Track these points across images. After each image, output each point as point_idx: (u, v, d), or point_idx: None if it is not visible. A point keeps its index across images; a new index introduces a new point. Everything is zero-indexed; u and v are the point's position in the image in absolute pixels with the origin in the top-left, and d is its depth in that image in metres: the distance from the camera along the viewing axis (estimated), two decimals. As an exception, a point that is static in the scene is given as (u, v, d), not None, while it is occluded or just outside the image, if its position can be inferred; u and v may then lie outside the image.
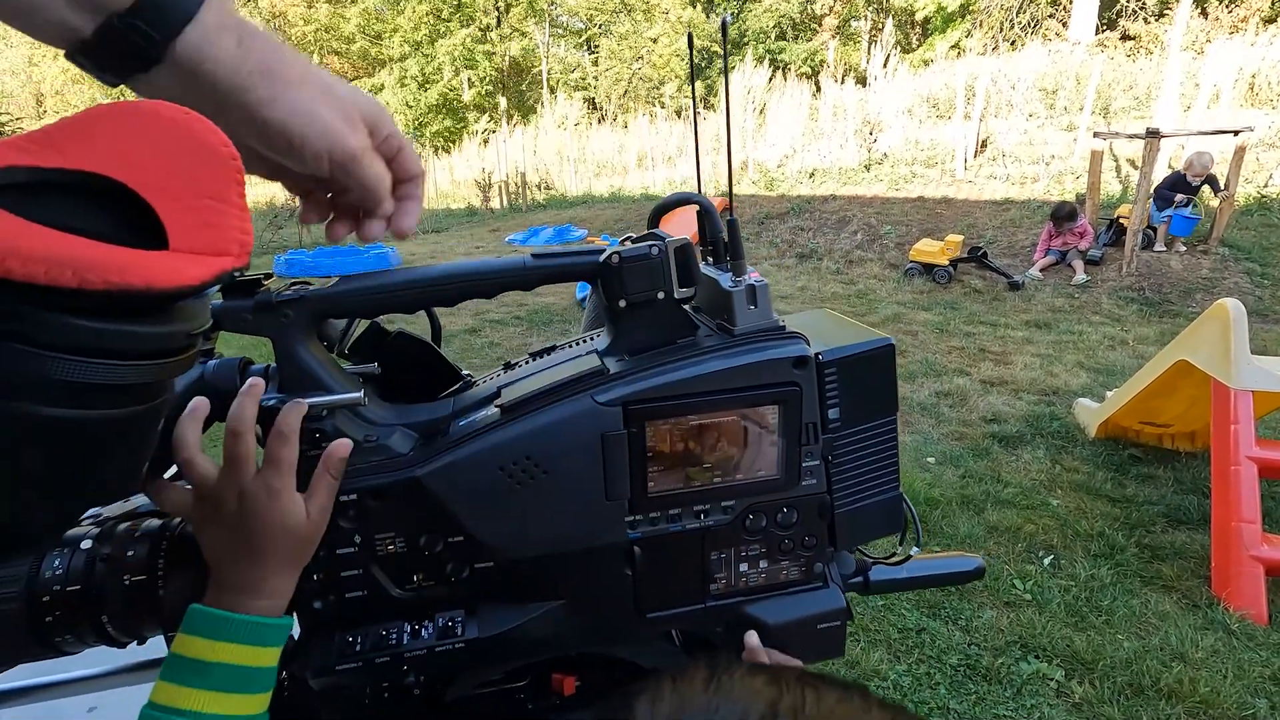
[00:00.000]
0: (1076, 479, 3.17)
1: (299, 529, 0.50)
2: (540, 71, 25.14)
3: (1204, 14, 13.75)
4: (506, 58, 25.02)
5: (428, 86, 23.78)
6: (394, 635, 0.58)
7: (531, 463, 0.57)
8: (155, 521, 0.59)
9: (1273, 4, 13.63)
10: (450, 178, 17.56)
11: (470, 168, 16.80)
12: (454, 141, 21.00)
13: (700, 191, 0.70)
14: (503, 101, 25.25)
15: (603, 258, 0.60)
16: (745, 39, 24.04)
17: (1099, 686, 2.01)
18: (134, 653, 0.64)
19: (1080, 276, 6.50)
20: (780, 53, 22.73)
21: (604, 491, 0.58)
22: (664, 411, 0.57)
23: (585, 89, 25.07)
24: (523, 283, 0.61)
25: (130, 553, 0.57)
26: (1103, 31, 15.08)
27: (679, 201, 0.69)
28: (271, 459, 0.50)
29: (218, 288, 0.53)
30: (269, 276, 0.58)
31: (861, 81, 13.63)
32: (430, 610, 0.60)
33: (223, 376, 0.57)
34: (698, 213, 0.67)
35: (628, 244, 0.63)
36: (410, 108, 23.67)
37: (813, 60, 22.54)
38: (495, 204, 13.86)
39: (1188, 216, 6.38)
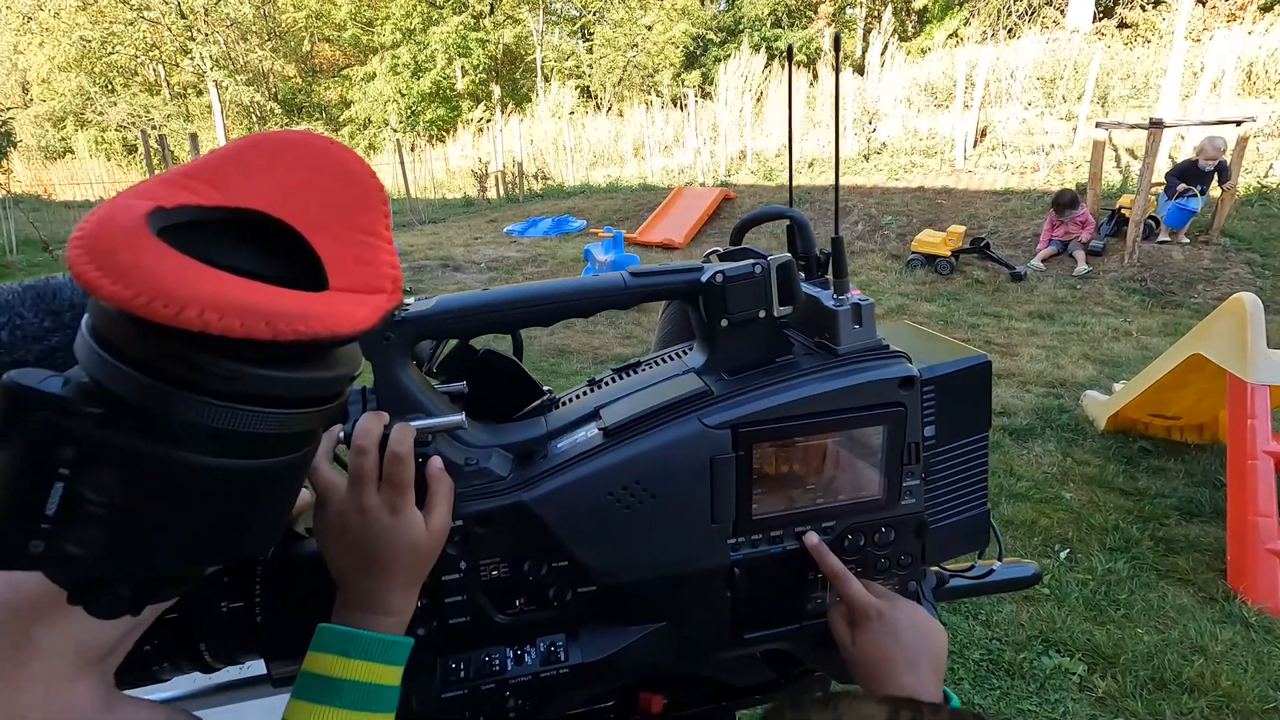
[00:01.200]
0: (1088, 472, 3.19)
1: (421, 544, 0.51)
2: (534, 59, 24.91)
3: (1202, 2, 13.73)
4: (500, 45, 24.76)
5: (420, 74, 23.52)
6: (498, 661, 0.57)
7: (640, 487, 0.56)
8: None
9: (1270, -8, 13.62)
10: (446, 168, 17.42)
11: (465, 157, 16.66)
12: (448, 131, 20.80)
13: (838, 210, 0.68)
14: (497, 90, 25.01)
15: (705, 277, 0.59)
16: (740, 26, 23.88)
17: (1121, 680, 2.03)
18: (217, 675, 0.63)
19: (1082, 267, 6.51)
20: (776, 40, 22.60)
21: (710, 515, 0.57)
22: (773, 434, 0.57)
23: (580, 77, 24.87)
24: (621, 301, 0.60)
25: (227, 579, 0.56)
26: (1100, 20, 15.04)
27: (771, 215, 0.68)
28: (390, 479, 0.50)
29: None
30: (369, 298, 0.56)
31: (859, 70, 13.57)
32: (531, 634, 0.59)
33: None
34: (788, 228, 0.66)
35: (714, 259, 0.62)
36: (403, 96, 23.43)
37: (809, 48, 22.44)
38: (492, 194, 13.76)
39: (1183, 208, 6.32)
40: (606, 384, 0.68)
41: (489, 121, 19.37)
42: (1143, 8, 14.66)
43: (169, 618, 0.54)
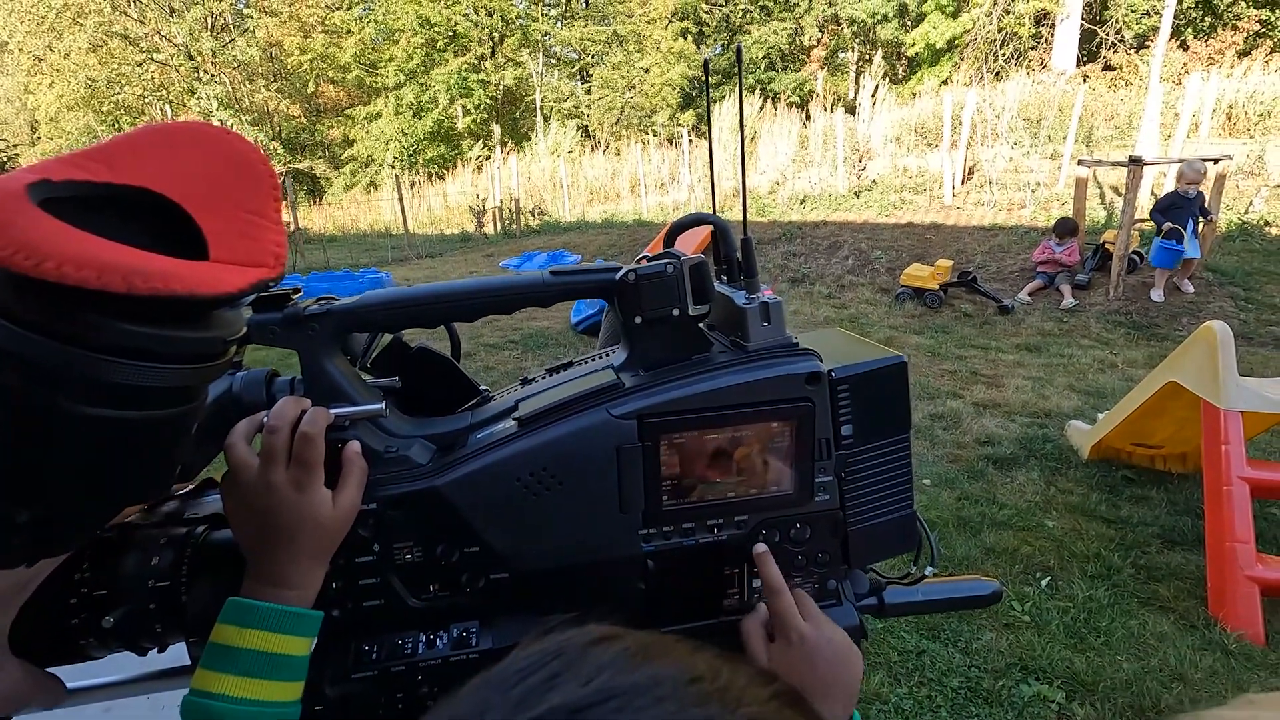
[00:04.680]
0: (1071, 500, 3.19)
1: (325, 522, 0.53)
2: (534, 100, 25.49)
3: (1183, 47, 14.16)
4: (501, 86, 25.37)
5: (423, 114, 24.04)
6: (409, 645, 0.58)
7: (547, 474, 0.58)
8: (180, 529, 0.60)
9: (1246, 38, 14.06)
10: (445, 204, 17.69)
11: (464, 194, 16.93)
12: (448, 168, 21.17)
13: (746, 214, 0.72)
14: (497, 129, 25.54)
15: (619, 275, 0.61)
16: (735, 69, 24.48)
17: (1100, 708, 2.01)
18: (151, 661, 0.64)
19: (1069, 300, 6.59)
20: (770, 82, 23.19)
21: (618, 504, 0.59)
22: (678, 425, 0.59)
23: (578, 117, 25.42)
24: (541, 299, 0.63)
25: (155, 559, 0.57)
26: (1084, 63, 15.47)
27: (694, 222, 0.71)
28: (297, 457, 0.52)
29: (250, 301, 0.54)
30: (297, 291, 0.59)
31: (850, 110, 13.89)
32: (445, 621, 0.60)
33: (250, 388, 0.58)
34: (711, 232, 0.69)
35: (644, 262, 0.65)
36: (406, 135, 23.90)
37: (801, 90, 23.01)
38: (489, 229, 13.95)
39: (1167, 248, 6.11)
40: (537, 381, 0.70)
41: (488, 159, 19.73)
42: (1125, 51, 15.09)
43: (98, 594, 0.55)
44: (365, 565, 0.57)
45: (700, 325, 0.64)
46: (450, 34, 23.77)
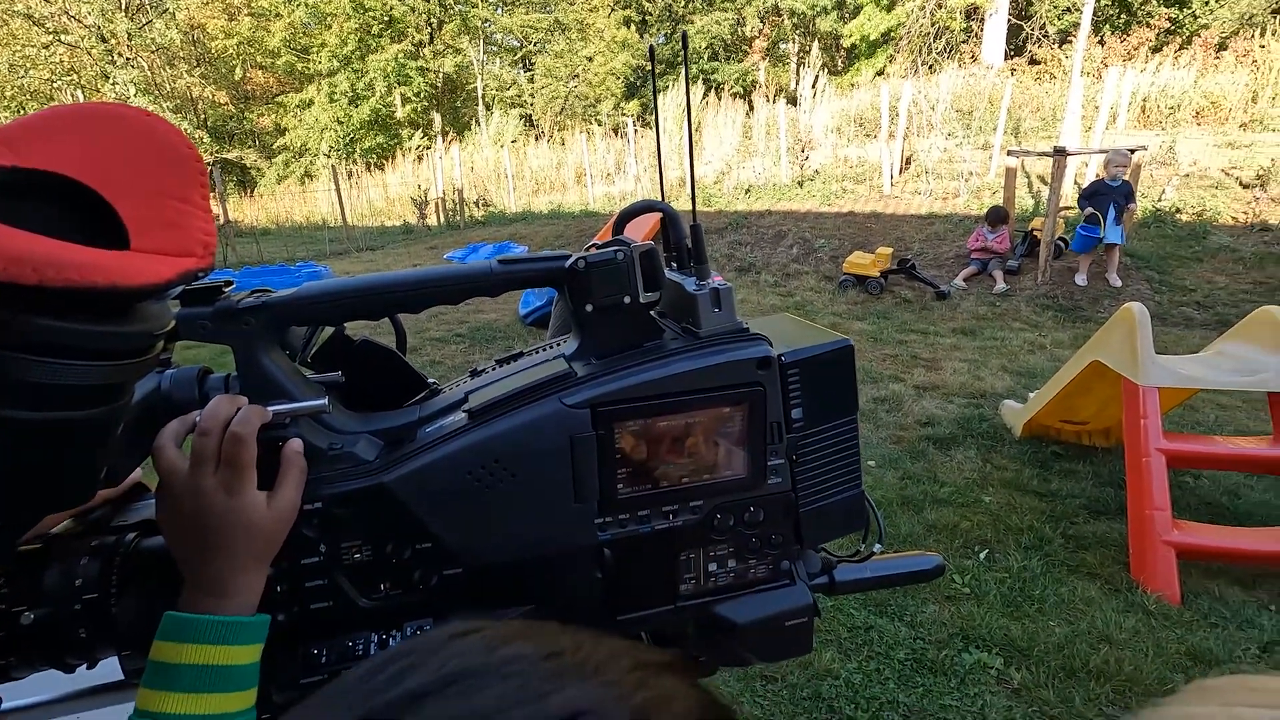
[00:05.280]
0: (1006, 476, 3.34)
1: (260, 524, 0.50)
2: (476, 88, 24.97)
3: (1102, 42, 14.86)
4: (441, 74, 24.75)
5: (359, 102, 23.25)
6: (360, 646, 0.57)
7: (500, 466, 0.57)
8: (108, 538, 0.57)
9: (1158, 35, 14.86)
10: (385, 195, 17.19)
11: (405, 185, 16.49)
12: (388, 158, 20.56)
13: (695, 201, 0.72)
14: (438, 118, 24.93)
15: (569, 263, 0.61)
16: (679, 59, 24.52)
17: (1035, 672, 2.12)
18: (80, 679, 0.61)
19: (1001, 285, 6.87)
20: (714, 72, 23.32)
21: (573, 494, 0.59)
22: (632, 413, 0.59)
23: (522, 106, 25.03)
24: (488, 288, 0.61)
25: (81, 570, 0.54)
26: (1012, 56, 16.08)
27: (643, 209, 0.71)
28: (227, 459, 0.50)
29: (178, 294, 0.51)
30: (229, 284, 0.56)
31: (792, 101, 14.10)
32: (398, 620, 0.59)
33: (180, 387, 0.55)
34: (661, 220, 0.69)
35: (593, 250, 0.64)
36: (341, 124, 23.09)
37: (745, 80, 23.22)
38: (432, 221, 13.63)
39: (1084, 233, 6.45)
40: (487, 372, 0.69)
41: (429, 149, 19.25)
42: (1050, 46, 15.75)
43: (16, 611, 0.52)
44: (311, 566, 0.55)
45: (651, 313, 0.64)
46: (386, 19, 23.03)
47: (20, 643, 0.53)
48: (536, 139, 19.46)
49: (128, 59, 21.43)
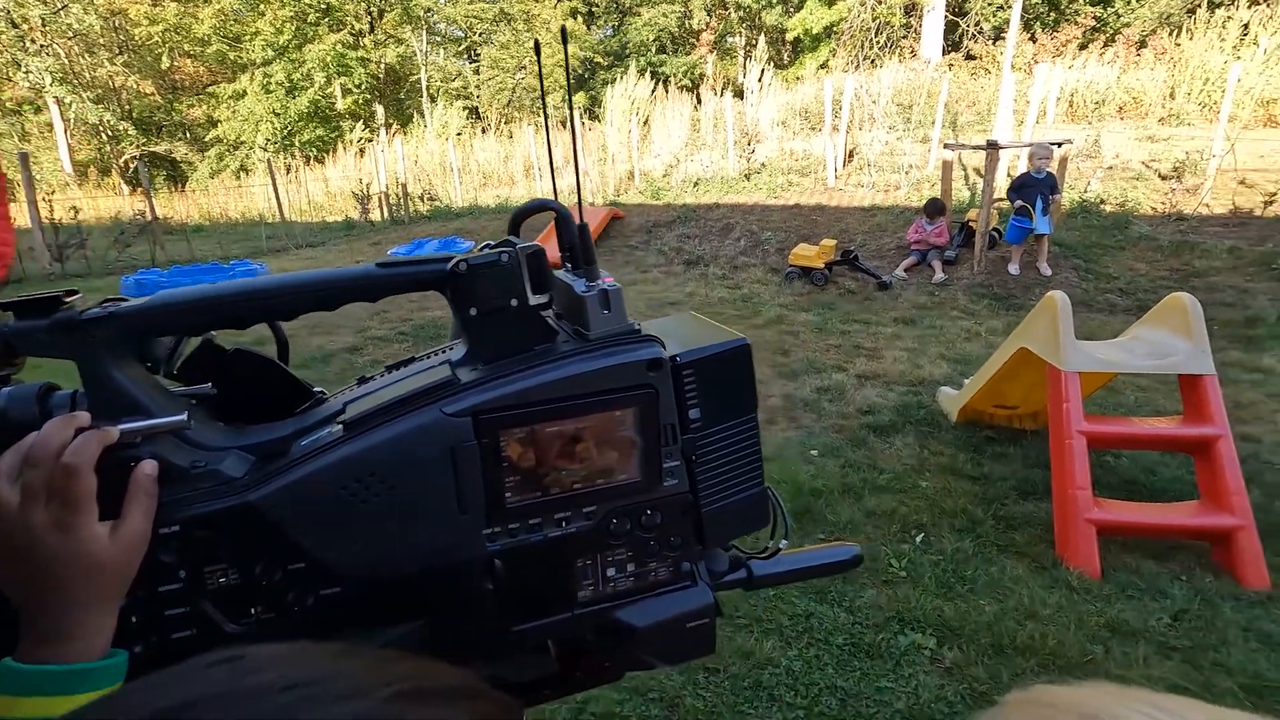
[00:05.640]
0: (942, 461, 3.44)
1: (98, 563, 0.46)
2: (419, 79, 24.39)
3: (1032, 39, 15.40)
4: (382, 64, 24.08)
5: (297, 93, 22.45)
6: None
7: (376, 479, 0.54)
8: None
9: (1084, 33, 15.48)
10: (325, 189, 16.65)
11: (347, 178, 16.00)
12: (328, 151, 19.91)
13: (581, 200, 0.70)
14: (380, 110, 24.27)
15: (450, 265, 0.59)
16: (627, 51, 24.46)
17: (966, 650, 2.19)
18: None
19: (939, 276, 7.07)
20: (662, 65, 23.30)
21: (457, 505, 0.57)
22: (518, 420, 0.57)
23: (467, 98, 24.57)
24: (368, 293, 0.59)
25: None
26: (949, 52, 16.54)
27: (536, 208, 0.69)
28: (57, 493, 0.46)
29: (6, 307, 0.47)
30: (72, 294, 0.52)
31: (739, 94, 14.20)
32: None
33: (18, 405, 0.51)
34: (555, 220, 0.67)
35: (484, 250, 0.62)
36: (278, 116, 22.26)
37: (692, 73, 23.28)
38: (376, 216, 13.27)
39: (1016, 224, 6.75)
40: (374, 380, 0.66)
41: (372, 142, 18.71)
42: (984, 42, 16.26)
43: None
44: (171, 594, 0.52)
45: (544, 315, 0.62)
46: (323, 7, 22.27)
47: None
48: (483, 131, 19.13)
49: (42, 46, 20.19)
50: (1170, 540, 2.72)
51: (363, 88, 23.67)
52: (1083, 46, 14.37)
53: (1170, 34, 12.96)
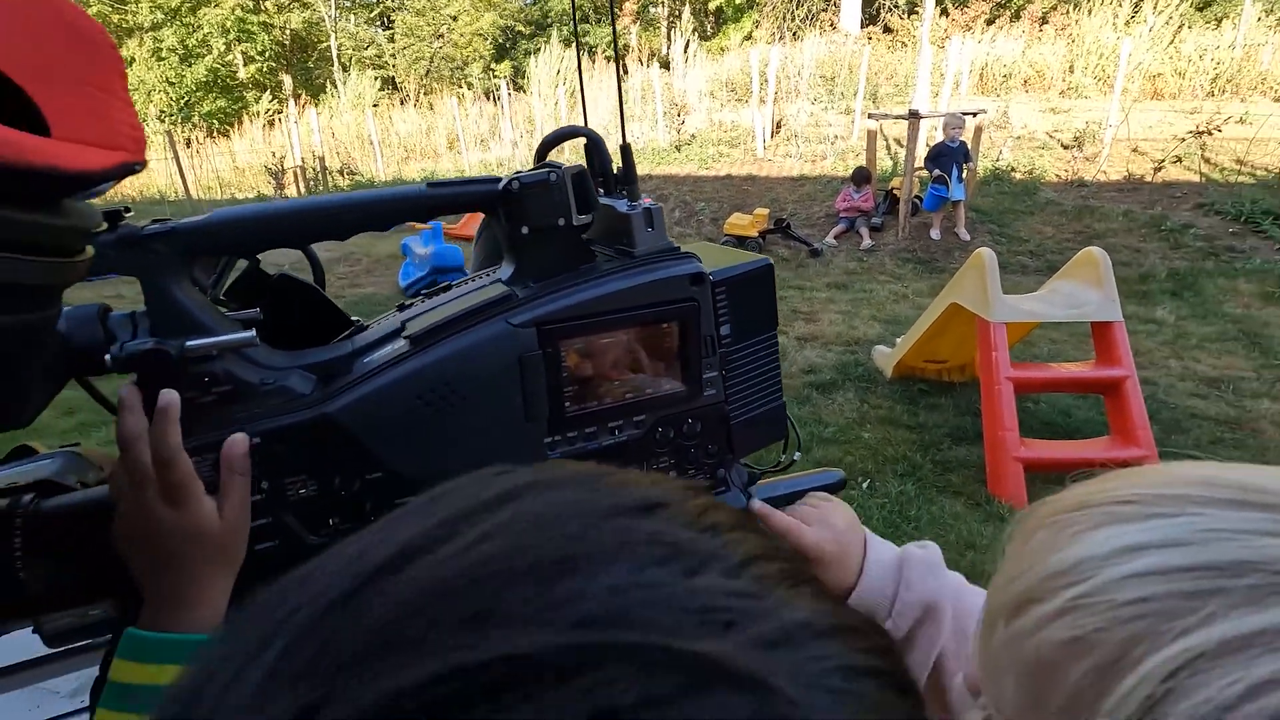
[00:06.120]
0: (881, 413, 3.64)
1: (210, 535, 0.49)
2: (329, 47, 23.12)
3: (945, 14, 15.98)
4: (287, 30, 22.67)
5: (193, 61, 20.88)
6: None
7: (449, 388, 0.56)
8: (0, 501, 0.51)
9: (992, 8, 16.18)
10: (233, 164, 15.65)
11: (256, 152, 15.09)
12: (233, 123, 18.68)
13: (624, 123, 0.72)
14: (288, 80, 22.90)
15: (502, 185, 0.60)
16: (549, 20, 23.91)
17: (915, 581, 2.35)
18: None
19: (867, 242, 7.36)
20: (585, 35, 22.91)
21: (523, 413, 0.59)
22: (577, 330, 0.60)
23: (383, 67, 23.49)
24: (419, 212, 0.60)
25: None
26: (867, 25, 16.97)
27: (567, 134, 0.71)
28: (163, 481, 0.47)
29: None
30: (128, 210, 0.51)
31: (665, 65, 14.17)
32: None
33: (81, 326, 0.50)
34: (585, 146, 0.69)
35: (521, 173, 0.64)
36: (173, 85, 20.67)
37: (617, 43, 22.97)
38: (291, 192, 12.60)
39: (936, 194, 7.08)
40: (416, 305, 0.67)
41: (281, 113, 17.68)
42: (900, 16, 16.75)
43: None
44: (254, 505, 0.52)
45: (583, 236, 0.64)
46: (219, -34, 20.71)
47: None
48: (402, 103, 18.38)
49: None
50: (1086, 473, 2.99)
51: (267, 55, 22.26)
52: (990, 22, 15.04)
53: (1069, 10, 13.73)
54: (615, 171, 0.69)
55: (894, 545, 0.70)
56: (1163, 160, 8.11)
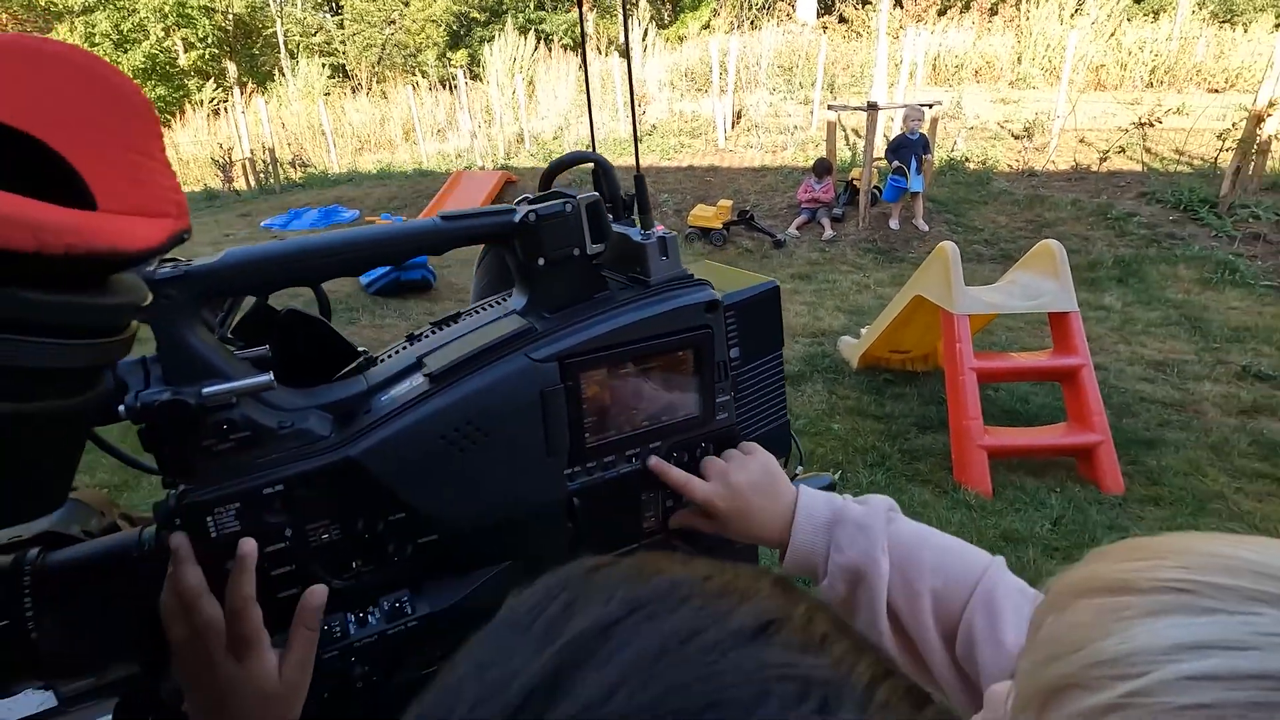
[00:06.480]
0: (849, 404, 3.71)
1: (274, 691, 0.49)
2: (275, 33, 22.32)
3: (899, 4, 16.21)
4: (230, 15, 21.79)
5: (128, 47, 19.93)
6: (338, 627, 0.54)
7: (472, 426, 0.56)
8: (4, 558, 0.49)
9: (942, 1, 16.48)
10: (176, 156, 15.00)
11: (201, 143, 14.51)
12: (174, 113, 17.90)
13: (638, 147, 0.72)
14: (232, 67, 22.03)
15: (518, 217, 0.59)
16: (504, 7, 23.49)
17: (889, 570, 2.42)
18: None
19: (829, 233, 7.46)
20: (541, 23, 22.59)
21: (545, 448, 0.59)
22: (596, 363, 0.60)
23: (333, 55, 22.78)
24: (434, 247, 0.59)
25: None
26: (823, 15, 17.12)
27: (576, 160, 0.70)
28: (230, 631, 0.48)
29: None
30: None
31: (624, 54, 14.06)
32: (373, 596, 0.56)
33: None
34: (594, 171, 0.69)
35: (523, 204, 0.63)
36: (107, 71, 19.68)
37: (574, 31, 22.74)
38: (240, 185, 12.16)
39: (895, 185, 7.17)
40: (426, 337, 0.66)
41: (225, 102, 17.02)
42: (855, 6, 16.94)
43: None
44: (277, 553, 0.51)
45: (594, 264, 0.64)
46: (154, -53, 19.76)
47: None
48: (354, 91, 17.87)
49: None
50: (1045, 458, 3.11)
51: (209, 41, 21.36)
52: (941, 13, 15.32)
53: (1017, 3, 14.06)
54: (624, 196, 0.69)
55: (836, 499, 0.70)
56: (1107, 150, 8.41)
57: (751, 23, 16.60)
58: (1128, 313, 5.20)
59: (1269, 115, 6.52)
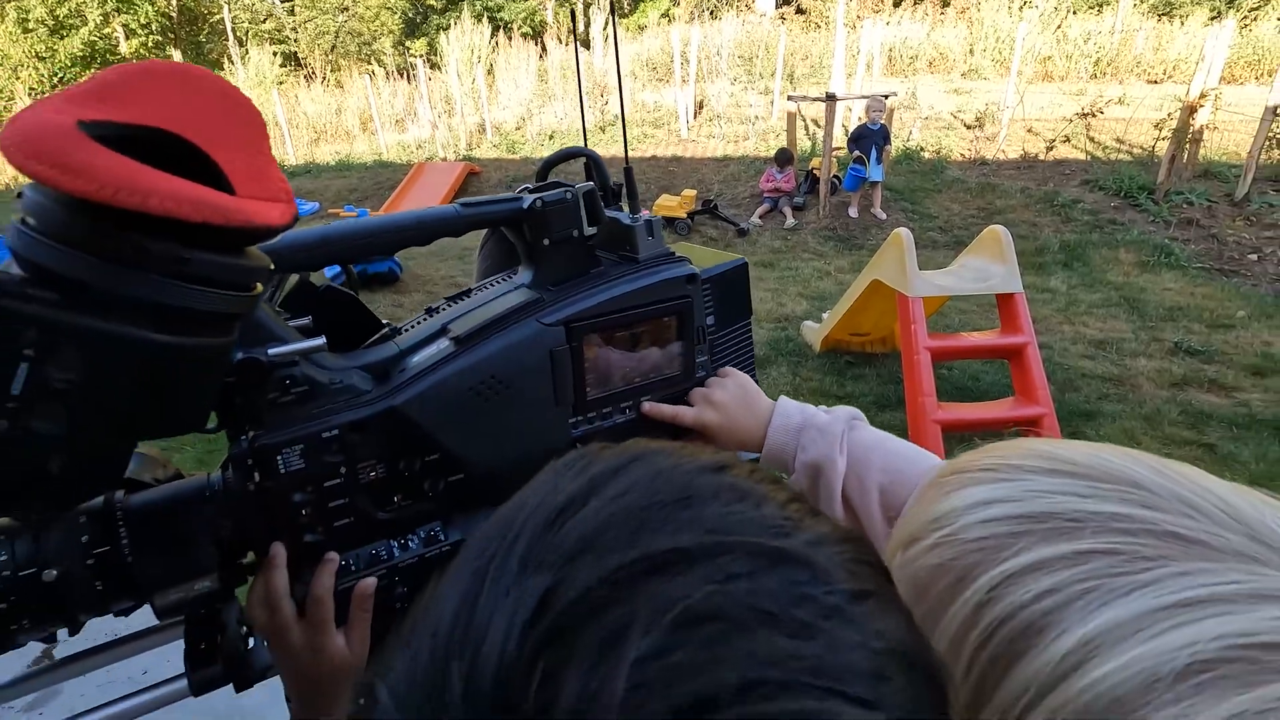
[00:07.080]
0: (812, 385, 3.88)
1: (346, 668, 0.59)
2: (222, 19, 21.65)
3: (854, -5, 16.48)
4: (174, 1, 21.06)
5: (65, 33, 19.11)
6: (384, 552, 0.64)
7: (495, 380, 0.66)
8: (97, 500, 0.57)
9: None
10: (122, 146, 14.49)
11: (149, 134, 14.03)
12: (118, 102, 17.22)
13: (627, 143, 0.81)
14: (176, 54, 21.29)
15: (526, 204, 0.69)
16: (457, -6, 23.14)
17: (850, 537, 2.58)
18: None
19: (790, 221, 7.65)
20: (499, 11, 22.33)
21: (554, 399, 0.69)
22: (596, 327, 0.70)
23: (284, 42, 22.20)
24: (454, 230, 0.68)
25: (84, 536, 0.55)
26: (782, 6, 17.32)
27: (570, 154, 0.80)
28: (309, 621, 0.58)
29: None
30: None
31: (585, 44, 14.05)
32: (410, 526, 0.66)
33: None
34: (585, 164, 0.79)
35: (524, 193, 0.73)
36: (44, 60, 18.87)
37: (533, 20, 22.55)
38: (193, 176, 11.85)
39: (855, 174, 7.43)
40: (444, 309, 0.75)
41: (174, 91, 16.43)
42: (811, -2, 17.16)
43: (24, 574, 0.52)
44: (333, 488, 0.60)
45: (590, 244, 0.74)
46: (91, -71, 18.95)
47: (37, 602, 0.53)
48: (307, 80, 17.48)
49: None
50: (994, 430, 3.31)
51: (152, 28, 20.62)
52: (897, 4, 15.65)
53: (967, -5, 14.44)
54: (614, 186, 0.79)
55: (808, 408, 0.81)
56: (1053, 140, 8.76)
57: (711, 12, 16.71)
58: (1072, 295, 5.48)
59: (1201, 105, 6.89)
